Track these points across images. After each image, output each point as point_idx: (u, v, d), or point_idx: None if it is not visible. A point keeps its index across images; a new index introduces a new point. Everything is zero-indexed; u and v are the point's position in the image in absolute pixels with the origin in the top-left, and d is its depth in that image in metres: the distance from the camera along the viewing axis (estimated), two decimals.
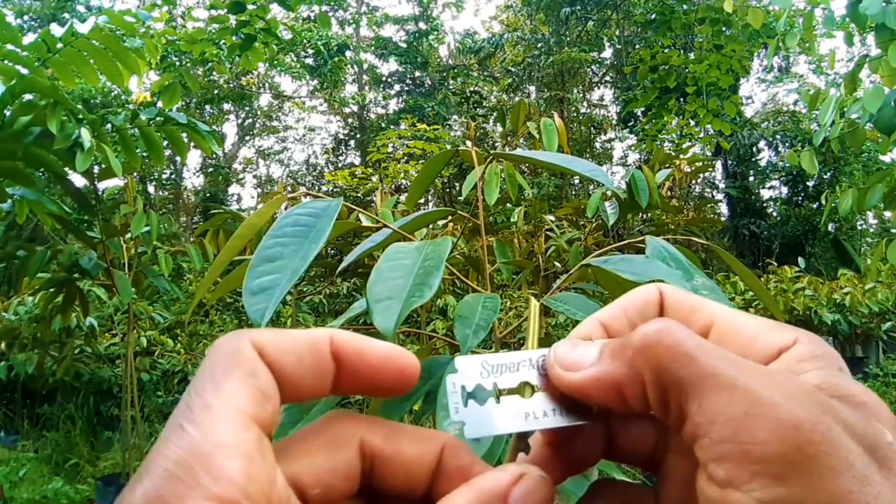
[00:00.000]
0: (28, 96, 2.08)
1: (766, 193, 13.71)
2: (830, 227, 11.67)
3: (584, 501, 0.26)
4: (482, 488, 0.22)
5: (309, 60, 12.11)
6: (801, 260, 7.33)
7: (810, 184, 11.97)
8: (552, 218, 2.96)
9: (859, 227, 13.12)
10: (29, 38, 2.08)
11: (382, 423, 0.24)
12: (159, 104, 3.10)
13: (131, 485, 0.19)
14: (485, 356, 0.25)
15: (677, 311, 0.26)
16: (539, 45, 12.93)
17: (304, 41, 10.84)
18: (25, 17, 10.67)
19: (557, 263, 2.73)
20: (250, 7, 3.17)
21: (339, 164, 14.11)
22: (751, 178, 13.15)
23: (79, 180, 2.98)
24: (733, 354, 0.21)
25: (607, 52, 13.97)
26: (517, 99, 12.42)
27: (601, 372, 0.23)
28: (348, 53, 12.55)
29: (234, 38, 3.31)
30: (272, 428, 0.22)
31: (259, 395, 0.21)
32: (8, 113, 2.03)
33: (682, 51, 6.40)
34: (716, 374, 0.20)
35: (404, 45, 13.19)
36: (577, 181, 11.28)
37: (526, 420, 0.24)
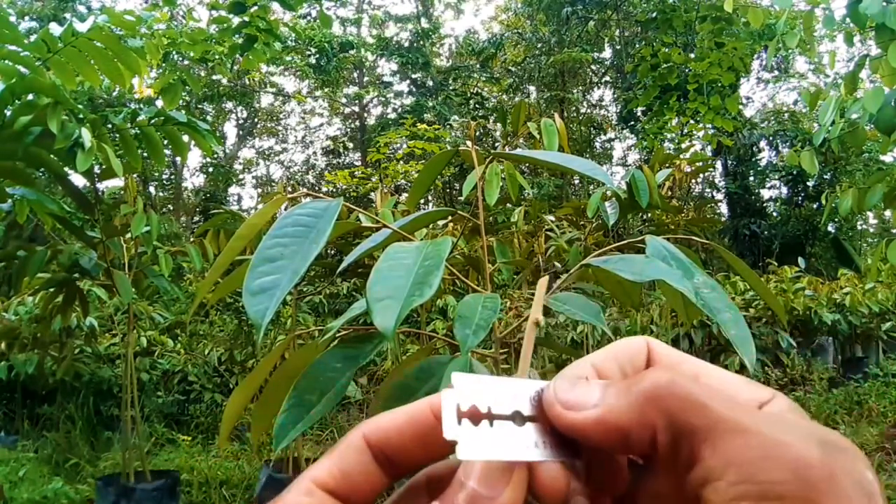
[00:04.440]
0: (29, 96, 2.08)
1: (766, 193, 13.72)
2: (830, 227, 11.67)
3: None
4: None
5: (312, 60, 12.11)
6: (801, 260, 7.32)
7: (810, 184, 11.97)
8: (552, 218, 2.96)
9: (859, 228, 13.12)
10: (29, 39, 2.08)
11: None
12: (159, 103, 3.10)
13: None
14: (481, 377, 0.25)
15: (665, 359, 0.27)
16: (539, 45, 12.93)
17: (308, 40, 10.85)
18: (26, 18, 10.67)
19: (557, 263, 2.73)
20: (251, 8, 3.17)
21: (339, 165, 14.11)
22: (751, 178, 13.15)
23: (79, 180, 2.98)
24: (737, 401, 0.23)
25: (607, 53, 13.97)
26: (517, 99, 12.43)
27: (606, 415, 0.24)
28: (351, 52, 12.56)
29: (235, 38, 3.31)
30: (359, 496, 0.26)
31: (336, 471, 0.25)
32: (8, 113, 2.03)
33: (683, 49, 6.40)
34: (728, 420, 0.22)
35: (406, 45, 13.19)
36: (577, 181, 11.28)
37: (520, 448, 0.24)
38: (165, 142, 2.48)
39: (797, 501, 0.20)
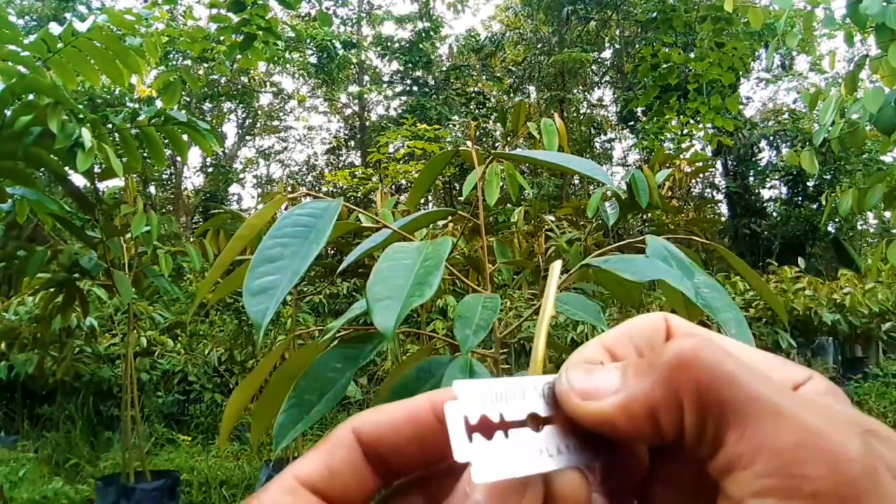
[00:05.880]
0: (29, 96, 2.08)
1: (766, 193, 13.72)
2: (830, 227, 11.67)
3: None
4: None
5: (313, 59, 12.11)
6: (801, 260, 7.32)
7: (810, 184, 11.97)
8: (552, 218, 2.96)
9: (859, 228, 13.12)
10: (29, 39, 2.08)
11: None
12: (159, 103, 3.10)
13: None
14: (487, 381, 0.22)
15: (687, 334, 0.24)
16: (540, 44, 12.93)
17: (309, 39, 10.85)
18: (26, 18, 10.67)
19: None
20: (250, 6, 3.17)
21: (340, 165, 14.12)
22: (751, 178, 13.15)
23: (79, 180, 2.98)
24: (770, 377, 0.20)
25: (608, 52, 13.98)
26: (518, 99, 12.43)
27: (631, 397, 0.21)
28: (353, 51, 12.57)
29: (234, 36, 3.31)
30: (348, 499, 0.23)
31: (324, 469, 0.22)
32: (8, 113, 2.03)
33: (683, 49, 6.40)
34: (760, 399, 0.19)
35: (407, 45, 13.19)
36: (577, 181, 11.29)
37: (539, 458, 0.21)
38: (165, 142, 2.48)
39: (833, 500, 0.18)
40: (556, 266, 0.23)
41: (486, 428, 0.21)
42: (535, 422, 0.22)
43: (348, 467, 0.23)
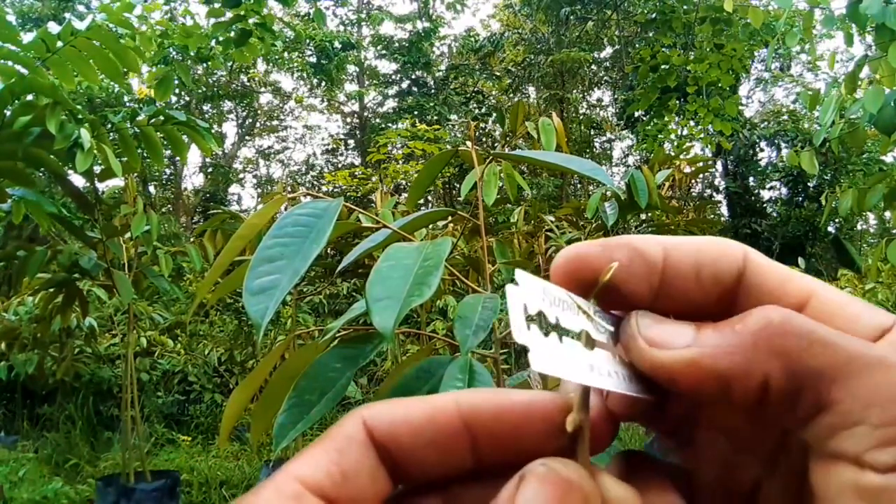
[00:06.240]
0: (28, 96, 2.08)
1: (766, 194, 13.71)
2: (831, 227, 11.67)
3: (612, 471, 0.22)
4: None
5: (312, 59, 12.11)
6: (801, 260, 7.31)
7: (811, 184, 11.98)
8: (552, 218, 2.96)
9: (859, 228, 13.12)
10: (28, 39, 2.08)
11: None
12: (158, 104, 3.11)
13: None
14: (546, 283, 0.21)
15: (765, 279, 0.22)
16: (539, 45, 12.93)
17: (308, 39, 10.85)
18: (26, 18, 10.67)
19: None
20: (246, 1, 3.17)
21: (339, 165, 14.11)
22: (751, 179, 13.15)
23: (79, 180, 2.98)
24: (866, 334, 0.20)
25: (607, 52, 13.97)
26: (516, 99, 12.43)
27: (702, 357, 0.20)
28: (352, 51, 12.56)
29: (229, 32, 3.30)
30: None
31: (335, 471, 0.19)
32: (8, 113, 2.04)
33: (682, 50, 6.41)
34: (862, 356, 0.19)
35: (406, 45, 13.19)
36: (576, 181, 11.29)
37: (591, 374, 0.20)
38: (165, 142, 2.48)
39: None
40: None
41: (542, 324, 0.20)
42: (589, 341, 0.21)
43: (363, 469, 0.20)
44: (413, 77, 13.57)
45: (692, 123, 6.48)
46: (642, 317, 0.21)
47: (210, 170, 13.20)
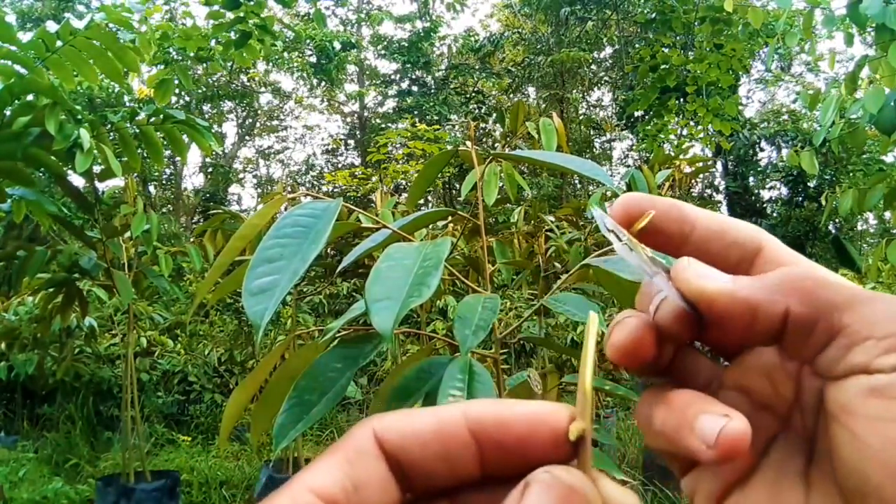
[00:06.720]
0: (28, 97, 2.08)
1: (766, 194, 13.72)
2: (831, 227, 11.68)
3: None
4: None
5: (312, 59, 12.11)
6: None
7: (811, 184, 11.98)
8: (552, 218, 2.96)
9: (860, 228, 13.12)
10: (27, 39, 2.08)
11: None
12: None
13: None
14: (613, 222, 0.27)
15: (779, 255, 0.27)
16: (539, 44, 12.93)
17: (308, 39, 10.84)
18: (26, 18, 10.67)
19: (557, 264, 2.73)
20: (245, 2, 3.16)
21: (339, 165, 14.11)
22: (751, 179, 13.15)
23: (79, 181, 2.98)
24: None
25: (606, 52, 13.97)
26: (517, 99, 12.43)
27: (740, 288, 0.24)
28: (352, 51, 12.56)
29: (229, 34, 3.30)
30: None
31: (348, 483, 0.20)
32: (8, 113, 2.03)
33: (682, 50, 6.41)
34: (862, 292, 0.23)
35: (406, 45, 13.19)
36: (576, 181, 11.28)
37: (657, 279, 0.25)
38: (165, 142, 2.48)
39: None
40: (594, 318, 0.25)
41: (617, 236, 0.26)
42: (649, 266, 0.26)
43: (374, 480, 0.20)
44: (413, 77, 13.57)
45: (692, 123, 6.47)
46: (695, 259, 0.26)
47: (210, 170, 13.20)
